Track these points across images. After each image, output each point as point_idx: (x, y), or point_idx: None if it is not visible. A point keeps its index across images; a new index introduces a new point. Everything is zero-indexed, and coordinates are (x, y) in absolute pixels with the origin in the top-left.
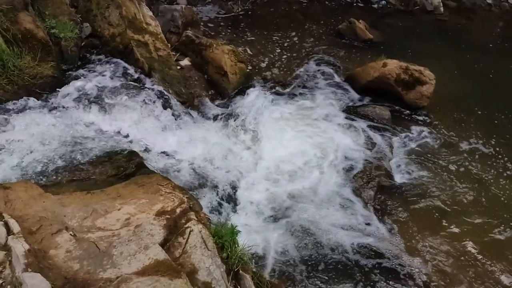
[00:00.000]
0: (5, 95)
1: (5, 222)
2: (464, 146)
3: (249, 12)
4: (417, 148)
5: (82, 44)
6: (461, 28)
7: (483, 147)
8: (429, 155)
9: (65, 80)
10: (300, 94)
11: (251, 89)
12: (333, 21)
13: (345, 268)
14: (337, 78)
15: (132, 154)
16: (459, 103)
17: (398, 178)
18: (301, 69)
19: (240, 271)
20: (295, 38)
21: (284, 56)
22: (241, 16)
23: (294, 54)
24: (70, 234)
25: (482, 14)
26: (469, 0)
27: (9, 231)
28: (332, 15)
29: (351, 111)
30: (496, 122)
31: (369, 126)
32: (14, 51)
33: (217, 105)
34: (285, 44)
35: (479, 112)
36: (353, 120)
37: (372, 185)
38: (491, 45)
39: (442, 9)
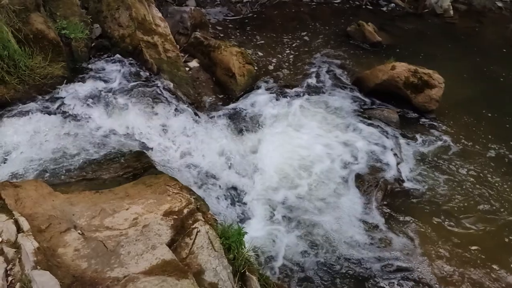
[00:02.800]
0: (16, 94)
1: (15, 220)
2: (473, 150)
3: (257, 15)
4: (425, 152)
5: (92, 44)
6: (471, 31)
7: (494, 151)
8: (438, 159)
9: (75, 80)
10: (308, 96)
11: (259, 90)
12: (342, 23)
13: (352, 276)
14: (345, 81)
15: (140, 154)
16: (469, 107)
17: (407, 183)
18: (309, 71)
19: (247, 273)
20: (303, 40)
21: (292, 58)
22: (249, 19)
23: (302, 56)
24: (79, 233)
25: (493, 17)
26: (479, 3)
27: (19, 229)
28: (340, 17)
29: (359, 114)
30: (507, 126)
31: (377, 129)
32: (26, 51)
33: (224, 107)
34: (293, 46)
35: (489, 116)
36: (361, 123)
37: (381, 189)
38: (501, 49)
39: (451, 12)
